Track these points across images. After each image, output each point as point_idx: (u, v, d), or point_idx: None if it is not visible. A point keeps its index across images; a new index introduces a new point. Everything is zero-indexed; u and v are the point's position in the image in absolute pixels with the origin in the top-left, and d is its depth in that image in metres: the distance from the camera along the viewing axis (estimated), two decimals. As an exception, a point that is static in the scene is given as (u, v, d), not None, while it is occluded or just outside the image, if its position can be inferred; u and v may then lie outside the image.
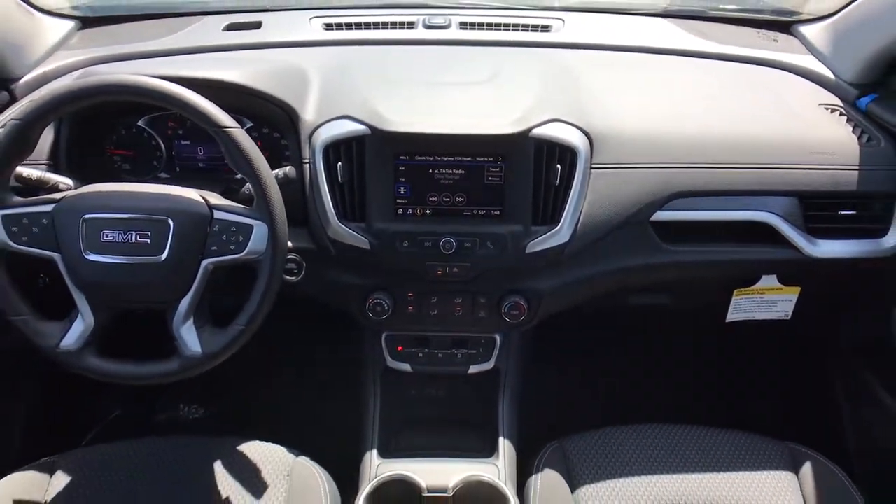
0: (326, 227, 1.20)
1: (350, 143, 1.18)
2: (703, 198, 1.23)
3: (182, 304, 1.06)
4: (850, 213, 1.25)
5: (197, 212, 1.05)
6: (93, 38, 1.52)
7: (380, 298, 1.25)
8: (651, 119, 1.28)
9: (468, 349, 1.33)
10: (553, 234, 1.19)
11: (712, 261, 1.27)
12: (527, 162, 1.17)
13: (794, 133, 1.28)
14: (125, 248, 1.03)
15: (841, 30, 1.40)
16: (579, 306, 1.38)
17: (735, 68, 1.46)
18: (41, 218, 1.05)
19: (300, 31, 1.51)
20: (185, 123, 1.32)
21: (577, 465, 1.21)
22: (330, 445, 1.25)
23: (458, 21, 1.53)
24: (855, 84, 1.35)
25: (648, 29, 1.55)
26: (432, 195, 1.19)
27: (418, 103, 1.22)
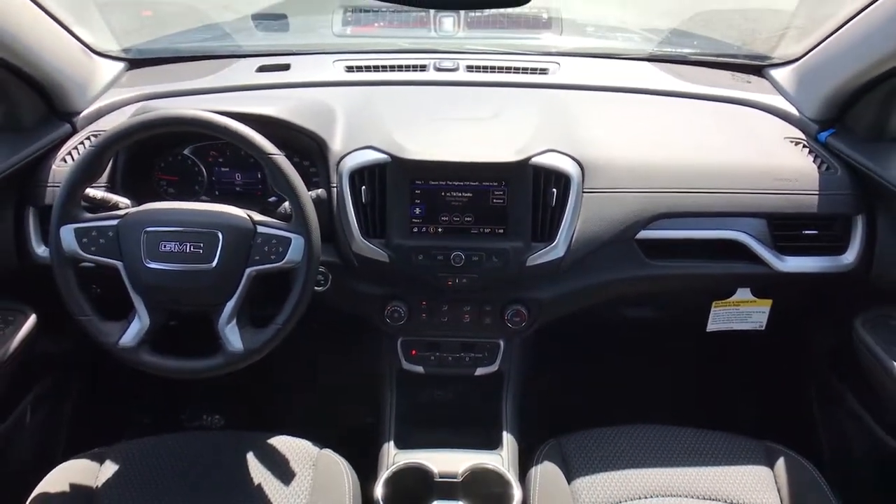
0: (351, 242, 1.36)
1: (373, 169, 1.35)
2: (683, 218, 1.39)
3: (227, 307, 1.22)
4: (812, 233, 1.41)
5: (243, 226, 1.21)
6: (139, 77, 1.69)
7: (397, 306, 1.41)
8: (636, 150, 1.45)
9: (475, 353, 1.48)
10: (550, 249, 1.35)
11: (691, 274, 1.43)
12: (527, 186, 1.34)
13: (762, 162, 1.45)
14: (180, 257, 1.19)
15: (804, 73, 1.58)
16: (576, 318, 1.54)
17: (712, 106, 1.62)
18: (108, 231, 1.21)
19: (324, 72, 1.68)
20: (225, 152, 1.49)
21: (573, 460, 1.34)
22: (350, 439, 1.39)
23: (465, 64, 1.69)
24: (816, 120, 1.52)
25: (635, 72, 1.73)
26: (444, 215, 1.36)
27: (432, 135, 1.39)
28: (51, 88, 1.44)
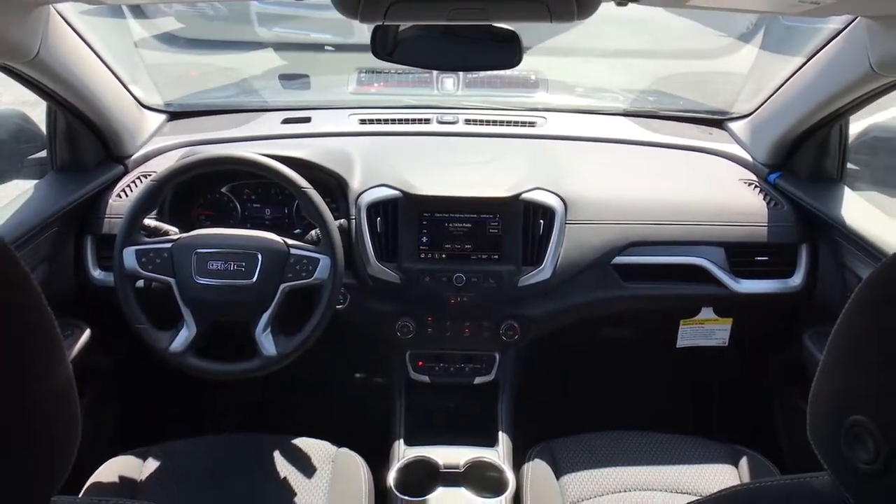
0: (367, 266, 1.57)
1: (387, 204, 1.58)
2: (652, 246, 1.62)
3: (263, 317, 1.43)
4: (764, 259, 1.64)
5: (278, 248, 1.43)
6: (179, 127, 1.93)
7: (406, 322, 1.62)
8: (612, 189, 1.68)
9: (474, 364, 1.67)
10: (538, 272, 1.57)
11: (661, 295, 1.65)
12: (518, 218, 1.57)
13: (720, 200, 1.68)
14: (225, 274, 1.41)
15: (756, 125, 1.83)
16: (563, 337, 1.74)
17: (678, 154, 1.87)
18: (163, 252, 1.43)
19: (341, 124, 1.92)
20: (257, 190, 1.72)
21: (561, 460, 1.52)
22: (365, 440, 1.57)
23: (464, 118, 1.93)
24: (766, 164, 1.76)
25: (611, 125, 1.98)
26: (447, 243, 1.58)
27: (437, 176, 1.63)
28: (109, 135, 1.67)
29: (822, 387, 0.61)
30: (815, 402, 0.62)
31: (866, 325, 0.57)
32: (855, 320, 0.58)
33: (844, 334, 0.59)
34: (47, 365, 0.51)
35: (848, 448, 0.56)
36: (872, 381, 0.55)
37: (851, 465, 0.56)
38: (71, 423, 0.53)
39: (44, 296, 0.51)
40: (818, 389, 0.62)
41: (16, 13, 1.07)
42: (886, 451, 0.52)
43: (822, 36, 1.44)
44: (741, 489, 0.69)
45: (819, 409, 0.61)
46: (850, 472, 0.56)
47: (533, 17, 0.89)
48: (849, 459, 0.56)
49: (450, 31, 1.19)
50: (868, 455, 0.54)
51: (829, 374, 0.60)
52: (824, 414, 0.60)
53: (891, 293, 0.55)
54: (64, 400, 0.52)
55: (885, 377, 0.54)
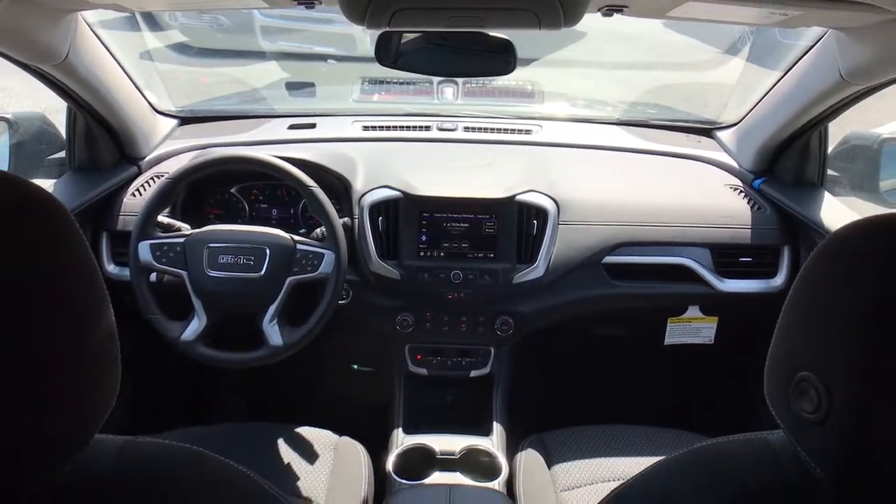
0: (369, 263, 1.65)
1: (388, 204, 1.66)
2: (641, 247, 1.70)
3: (270, 309, 1.50)
4: (748, 260, 1.72)
5: (285, 244, 1.51)
6: (189, 132, 2.02)
7: (405, 316, 1.70)
8: (603, 192, 1.77)
9: (470, 358, 1.74)
10: (532, 270, 1.65)
11: (649, 294, 1.72)
12: (512, 219, 1.65)
13: (707, 203, 1.77)
14: (235, 267, 1.49)
15: (741, 133, 1.92)
16: (556, 335, 1.81)
17: (667, 160, 1.95)
18: (176, 246, 1.51)
19: (345, 130, 2.00)
20: (264, 191, 1.80)
21: (553, 451, 1.59)
22: (365, 429, 1.64)
23: (462, 126, 2.02)
24: (751, 171, 1.84)
25: (604, 133, 2.06)
26: (445, 241, 1.66)
27: (436, 178, 1.71)
28: (124, 137, 1.76)
29: (776, 350, 0.68)
30: (770, 365, 0.70)
31: (811, 295, 0.65)
32: (802, 292, 0.66)
33: (794, 305, 0.67)
34: (96, 315, 0.58)
35: (795, 401, 0.63)
36: (816, 343, 0.63)
37: (798, 416, 0.63)
38: (113, 366, 0.61)
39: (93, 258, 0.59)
40: (772, 353, 0.69)
41: (49, 19, 1.16)
42: (826, 401, 0.60)
43: (800, 49, 1.53)
44: (703, 446, 0.76)
45: (773, 370, 0.69)
46: (796, 422, 0.64)
47: (523, 24, 0.98)
48: (796, 411, 0.63)
49: (448, 42, 1.29)
50: (812, 405, 0.61)
51: (781, 340, 0.68)
52: (777, 374, 0.68)
53: (832, 267, 0.63)
54: (108, 345, 0.60)
55: (826, 339, 0.61)
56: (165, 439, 0.66)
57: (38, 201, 0.54)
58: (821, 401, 0.60)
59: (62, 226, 0.56)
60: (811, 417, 0.61)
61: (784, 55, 1.66)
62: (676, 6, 1.02)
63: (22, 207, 0.53)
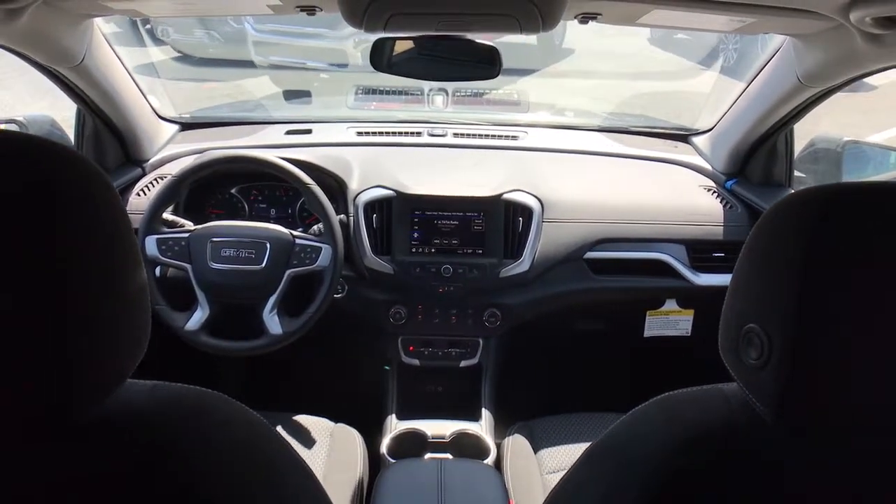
0: (363, 258, 1.74)
1: (382, 202, 1.75)
2: (620, 243, 1.80)
3: (270, 300, 1.59)
4: (721, 255, 1.82)
5: (285, 239, 1.60)
6: (190, 137, 2.10)
7: (398, 309, 1.79)
8: (584, 192, 1.87)
9: (459, 349, 1.83)
10: (518, 264, 1.74)
11: (628, 287, 1.82)
12: (499, 216, 1.75)
13: (682, 203, 1.87)
14: (237, 260, 1.58)
15: (715, 138, 2.03)
16: (541, 329, 1.91)
17: (645, 164, 2.05)
18: (181, 241, 1.59)
19: (340, 135, 2.10)
20: (263, 192, 1.89)
21: (538, 436, 1.67)
22: (360, 417, 1.72)
23: (452, 132, 2.11)
24: (724, 173, 1.95)
25: (586, 139, 2.17)
26: (436, 238, 1.76)
27: (427, 178, 1.80)
28: (130, 140, 1.85)
29: (727, 310, 0.78)
30: (722, 322, 0.79)
31: (754, 259, 0.75)
32: (747, 257, 0.75)
33: (741, 268, 0.76)
34: (132, 268, 0.66)
35: (744, 350, 0.73)
36: (758, 298, 0.72)
37: (746, 364, 0.73)
38: (145, 317, 0.68)
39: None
40: (724, 313, 0.79)
41: (70, 23, 1.25)
42: (767, 347, 0.69)
43: (763, 59, 1.65)
44: (663, 396, 0.85)
45: (725, 326, 0.78)
46: (744, 370, 0.73)
47: (506, 28, 1.08)
48: (744, 360, 0.73)
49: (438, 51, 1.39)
50: (756, 352, 0.71)
51: (731, 299, 0.77)
52: (728, 329, 0.77)
53: (771, 233, 0.73)
54: (141, 297, 0.68)
55: (766, 294, 0.71)
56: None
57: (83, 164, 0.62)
58: (763, 347, 0.70)
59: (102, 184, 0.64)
60: (755, 363, 0.71)
61: (750, 65, 1.78)
62: (645, 14, 1.13)
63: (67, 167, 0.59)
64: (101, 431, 0.65)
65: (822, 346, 0.65)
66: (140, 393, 0.70)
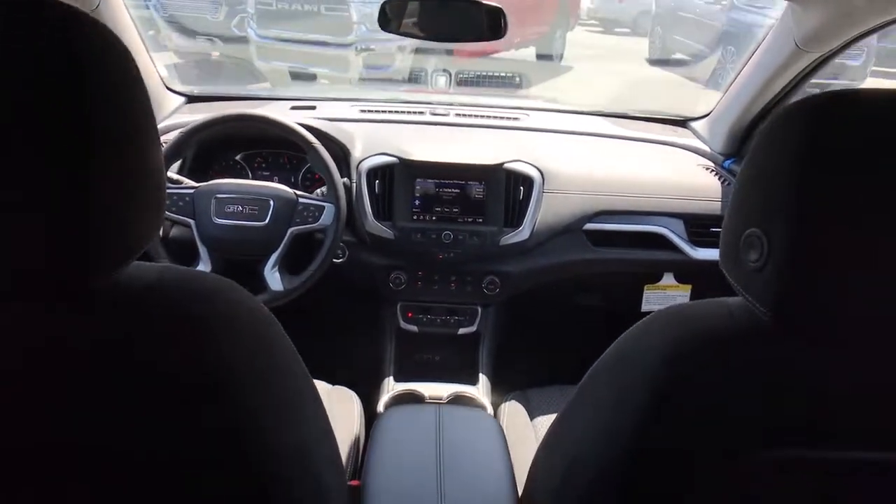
0: (365, 223, 1.76)
1: (385, 169, 1.78)
2: (619, 215, 1.82)
3: (272, 257, 1.60)
4: (718, 230, 1.83)
5: (288, 197, 1.62)
6: (195, 109, 2.12)
7: (398, 274, 1.80)
8: (584, 167, 1.89)
9: (458, 316, 1.85)
10: (517, 233, 1.76)
11: (627, 259, 1.84)
12: (500, 185, 1.77)
13: (680, 178, 1.89)
14: (241, 216, 1.59)
15: (713, 121, 2.06)
16: (540, 304, 1.92)
17: (645, 145, 2.09)
18: (185, 196, 1.61)
19: (343, 112, 2.13)
20: (268, 159, 1.91)
21: (536, 406, 1.68)
22: (358, 381, 1.73)
23: (454, 112, 2.14)
24: (722, 153, 1.99)
25: (587, 121, 2.21)
26: (437, 206, 1.78)
27: (430, 147, 1.83)
28: None
29: (728, 220, 0.80)
30: (724, 232, 0.81)
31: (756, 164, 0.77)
32: (750, 164, 0.77)
33: (743, 176, 0.78)
34: (150, 143, 0.67)
35: (744, 254, 0.75)
36: (759, 202, 0.74)
37: (745, 268, 0.74)
38: (161, 195, 0.69)
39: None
40: (726, 223, 0.80)
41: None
42: (767, 248, 0.71)
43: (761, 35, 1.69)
44: (663, 310, 0.86)
45: (726, 234, 0.80)
46: (744, 274, 0.75)
47: None
48: (744, 264, 0.74)
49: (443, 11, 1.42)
50: (756, 254, 0.73)
51: (733, 209, 0.79)
52: (729, 236, 0.79)
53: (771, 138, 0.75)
54: (158, 177, 0.69)
55: (767, 197, 0.73)
56: None
57: (102, 28, 0.62)
58: (762, 249, 0.72)
59: (121, 50, 0.65)
60: (755, 266, 0.72)
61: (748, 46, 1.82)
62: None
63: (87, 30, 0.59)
64: (115, 299, 0.66)
65: (819, 246, 0.67)
66: (151, 270, 0.71)
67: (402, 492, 1.06)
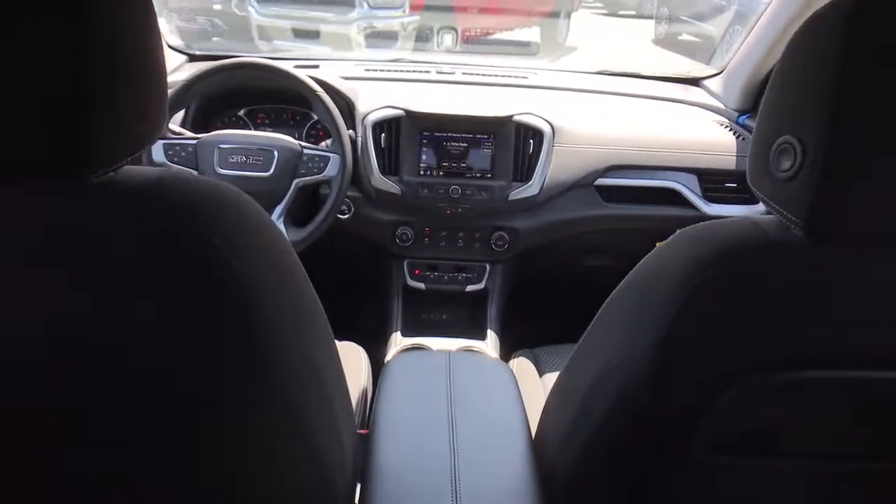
0: (371, 178, 1.72)
1: (391, 122, 1.73)
2: (631, 170, 1.78)
3: (277, 209, 1.56)
4: (733, 186, 1.80)
5: (293, 148, 1.58)
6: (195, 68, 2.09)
7: (405, 230, 1.76)
8: (596, 121, 1.85)
9: (466, 273, 1.81)
10: (527, 187, 1.72)
11: (638, 215, 1.80)
12: (510, 138, 1.72)
13: (694, 134, 1.85)
14: (245, 166, 1.55)
15: (727, 78, 2.02)
16: (548, 265, 1.88)
17: (658, 103, 2.04)
18: (188, 147, 1.57)
19: (348, 72, 2.09)
20: (270, 115, 1.87)
21: (543, 363, 1.64)
22: (365, 337, 1.69)
23: (461, 71, 2.12)
24: (737, 109, 1.94)
25: (598, 80, 2.17)
26: (445, 161, 1.74)
27: (437, 100, 1.79)
28: None
29: (759, 130, 0.76)
30: (754, 145, 0.77)
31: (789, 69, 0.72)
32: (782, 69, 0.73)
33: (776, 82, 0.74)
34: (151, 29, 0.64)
35: (776, 164, 0.71)
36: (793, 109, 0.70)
37: (776, 179, 0.70)
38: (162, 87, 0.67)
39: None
40: (755, 133, 0.76)
41: None
42: (800, 154, 0.67)
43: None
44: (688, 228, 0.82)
45: (756, 146, 0.75)
46: (775, 186, 0.71)
47: None
48: (775, 174, 0.70)
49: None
50: (789, 162, 0.69)
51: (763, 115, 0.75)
52: (760, 148, 0.74)
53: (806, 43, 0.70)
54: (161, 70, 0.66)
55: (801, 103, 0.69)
56: None
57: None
58: (795, 155, 0.68)
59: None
60: (787, 175, 0.69)
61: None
62: None
63: None
64: (116, 194, 0.63)
65: (857, 151, 0.63)
66: (152, 170, 0.68)
67: (412, 436, 1.02)
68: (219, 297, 0.61)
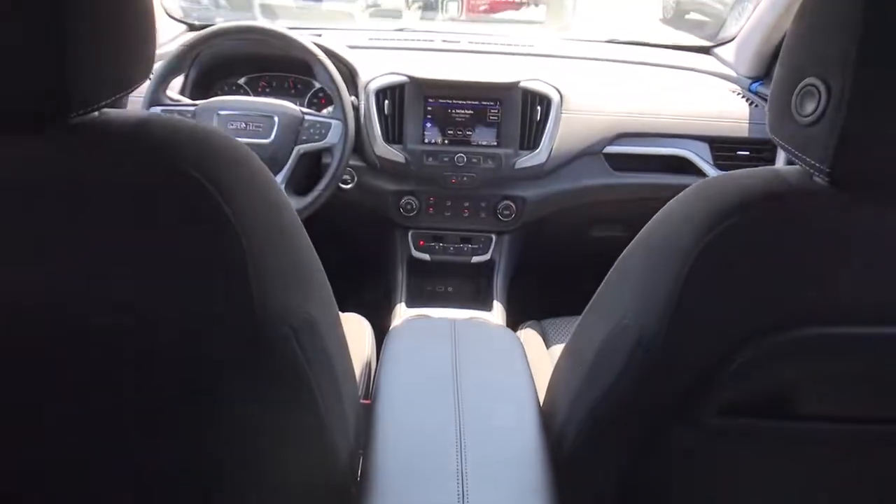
0: (374, 146, 1.68)
1: (394, 88, 1.69)
2: (641, 137, 1.74)
3: (279, 176, 1.53)
4: (745, 154, 1.76)
5: (294, 114, 1.54)
6: None
7: (409, 199, 1.72)
8: (604, 87, 1.80)
9: (472, 244, 1.78)
10: (534, 155, 1.68)
11: (647, 184, 1.76)
12: (516, 105, 1.68)
13: (704, 100, 1.80)
14: (245, 133, 1.52)
15: (739, 45, 1.96)
16: (558, 236, 1.84)
17: (668, 71, 2.00)
18: (186, 113, 1.53)
19: (352, 40, 2.05)
20: (271, 83, 1.83)
21: (550, 335, 1.62)
22: (368, 309, 1.67)
23: (466, 40, 2.08)
24: (749, 77, 1.89)
25: (606, 48, 2.12)
26: (450, 129, 1.70)
27: (442, 65, 1.74)
28: None
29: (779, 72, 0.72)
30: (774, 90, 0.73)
31: (809, 21, 0.68)
32: (803, 23, 0.69)
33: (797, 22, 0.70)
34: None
35: (799, 108, 0.67)
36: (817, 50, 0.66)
37: (798, 124, 0.67)
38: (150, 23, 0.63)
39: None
40: (776, 77, 0.72)
41: None
42: (825, 96, 0.64)
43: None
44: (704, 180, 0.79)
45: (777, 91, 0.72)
46: (797, 131, 0.67)
47: None
48: (798, 119, 0.67)
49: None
50: (813, 104, 0.65)
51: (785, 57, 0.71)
52: (781, 92, 0.71)
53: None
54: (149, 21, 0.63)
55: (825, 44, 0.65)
56: None
57: None
58: (820, 97, 0.64)
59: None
60: (810, 118, 0.65)
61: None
62: None
63: None
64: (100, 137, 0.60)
65: (883, 92, 0.60)
66: (136, 113, 0.65)
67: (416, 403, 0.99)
68: (210, 236, 0.58)
